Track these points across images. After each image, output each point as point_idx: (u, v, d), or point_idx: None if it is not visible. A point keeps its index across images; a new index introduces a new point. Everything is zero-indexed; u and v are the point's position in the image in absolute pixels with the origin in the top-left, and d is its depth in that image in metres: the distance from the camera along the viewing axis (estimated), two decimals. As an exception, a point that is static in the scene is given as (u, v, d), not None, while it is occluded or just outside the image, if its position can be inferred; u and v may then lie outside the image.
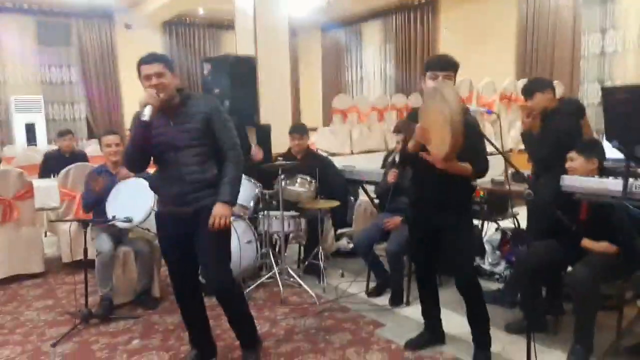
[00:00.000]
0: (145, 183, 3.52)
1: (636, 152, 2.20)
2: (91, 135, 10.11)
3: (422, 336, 2.93)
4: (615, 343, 2.59)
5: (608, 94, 2.14)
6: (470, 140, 2.35)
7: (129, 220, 3.30)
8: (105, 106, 10.12)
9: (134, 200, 3.39)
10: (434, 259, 2.82)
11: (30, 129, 9.00)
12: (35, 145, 8.87)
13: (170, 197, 2.51)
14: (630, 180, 2.18)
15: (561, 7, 7.94)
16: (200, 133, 2.44)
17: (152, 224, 3.45)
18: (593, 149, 2.78)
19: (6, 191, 4.15)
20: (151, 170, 2.68)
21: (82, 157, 5.58)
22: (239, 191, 2.55)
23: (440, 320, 2.93)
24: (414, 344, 2.89)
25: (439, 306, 2.93)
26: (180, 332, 3.16)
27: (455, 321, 3.11)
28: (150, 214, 3.35)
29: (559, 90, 6.83)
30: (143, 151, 2.46)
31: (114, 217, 3.32)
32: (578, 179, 2.46)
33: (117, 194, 3.46)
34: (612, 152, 2.51)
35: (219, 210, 2.41)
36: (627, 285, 2.75)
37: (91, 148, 7.76)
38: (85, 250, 3.25)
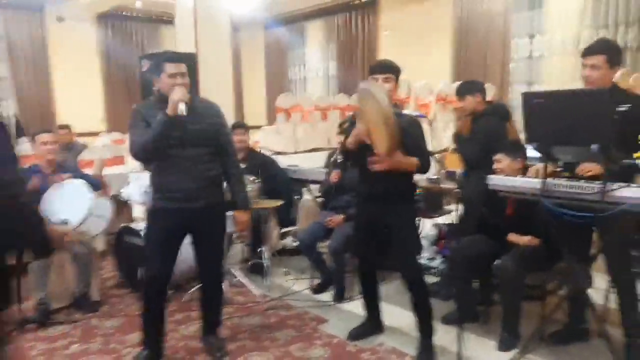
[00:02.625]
0: (80, 184, 3.44)
1: (553, 153, 2.39)
2: (20, 134, 9.56)
3: (362, 326, 3.08)
4: (538, 330, 2.80)
5: (527, 99, 2.32)
6: (413, 138, 2.53)
7: (65, 222, 3.20)
8: (36, 103, 9.58)
9: (69, 202, 3.30)
10: (376, 254, 2.94)
11: (-48, 127, 8.40)
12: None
13: (180, 193, 2.59)
14: (549, 179, 2.37)
15: (493, 12, 8.34)
16: (213, 134, 2.66)
17: (88, 227, 3.40)
18: (518, 151, 3.01)
19: None
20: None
21: (12, 156, 5.31)
22: None
23: (379, 311, 3.09)
24: (355, 334, 3.03)
25: (379, 298, 3.08)
26: (120, 335, 3.12)
27: (395, 314, 3.27)
28: (87, 216, 3.28)
29: (491, 92, 7.19)
30: (162, 146, 2.54)
31: (48, 219, 3.21)
32: (503, 178, 2.65)
33: (52, 195, 3.35)
34: (533, 153, 2.71)
35: (243, 217, 2.86)
36: (549, 277, 2.98)
37: (19, 148, 7.34)
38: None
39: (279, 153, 6.74)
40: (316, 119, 8.14)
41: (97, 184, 3.68)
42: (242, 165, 4.07)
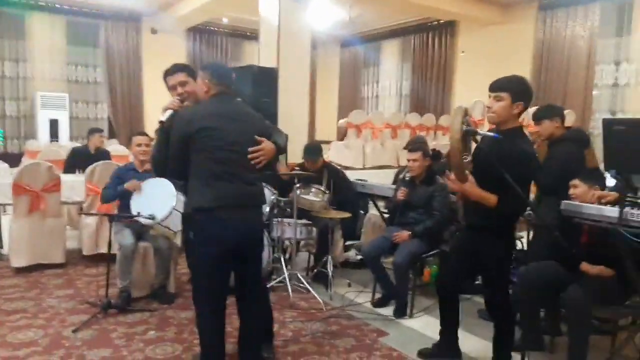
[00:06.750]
0: (167, 183, 3.72)
1: (633, 182, 2.34)
2: (112, 135, 10.36)
3: (437, 347, 2.99)
4: (606, 364, 2.71)
5: (607, 125, 2.30)
6: (498, 171, 2.34)
7: (152, 217, 3.47)
8: (127, 108, 10.38)
9: (157, 199, 3.56)
10: (461, 279, 2.92)
11: (53, 125, 9.25)
12: (57, 141, 9.11)
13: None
14: (627, 208, 2.32)
15: (577, 38, 8.09)
16: None
17: (172, 222, 3.66)
18: (595, 178, 2.93)
19: (35, 183, 4.38)
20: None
21: (106, 155, 5.80)
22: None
23: (456, 337, 2.96)
24: (426, 353, 2.98)
25: (458, 323, 2.95)
26: (193, 326, 3.31)
27: (470, 343, 3.16)
28: (171, 212, 3.53)
29: (570, 119, 6.95)
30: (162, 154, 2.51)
31: (138, 213, 3.50)
32: (577, 204, 2.60)
33: (142, 191, 3.65)
34: (611, 181, 2.65)
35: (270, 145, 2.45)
36: (621, 311, 2.87)
37: (111, 147, 7.93)
38: (110, 244, 3.44)
39: (347, 168, 6.87)
40: (386, 136, 8.22)
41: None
42: (314, 177, 4.26)
